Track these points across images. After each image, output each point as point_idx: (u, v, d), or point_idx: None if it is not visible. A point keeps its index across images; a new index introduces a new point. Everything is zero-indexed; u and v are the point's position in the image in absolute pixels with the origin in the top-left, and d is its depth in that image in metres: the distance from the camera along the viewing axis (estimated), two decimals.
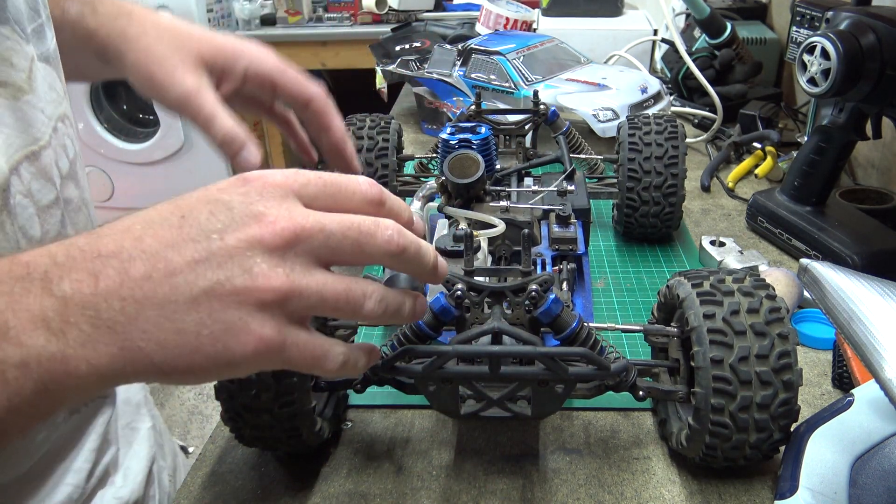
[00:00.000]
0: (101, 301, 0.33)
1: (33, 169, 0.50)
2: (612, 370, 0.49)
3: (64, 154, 0.54)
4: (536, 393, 0.51)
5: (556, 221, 0.69)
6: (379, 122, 0.87)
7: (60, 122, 0.54)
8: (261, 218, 0.35)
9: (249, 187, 0.37)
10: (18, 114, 0.49)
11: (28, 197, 0.49)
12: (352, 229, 0.37)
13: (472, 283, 0.52)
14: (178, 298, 0.34)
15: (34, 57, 0.51)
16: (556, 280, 0.62)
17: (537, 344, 0.49)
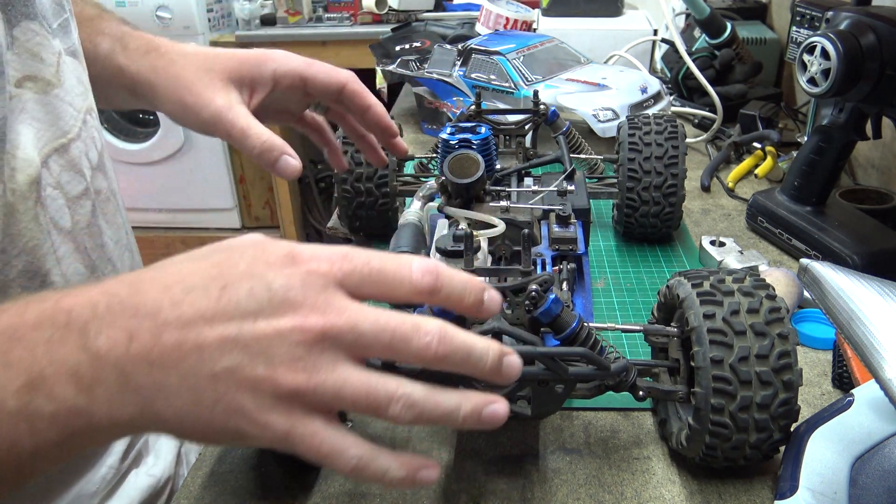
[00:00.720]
0: (131, 364, 0.34)
1: (63, 161, 0.51)
2: (612, 370, 0.49)
3: (93, 145, 0.55)
4: (536, 393, 0.51)
5: (556, 221, 0.69)
6: None
7: (88, 115, 0.55)
8: (296, 308, 0.35)
9: (294, 270, 0.36)
10: (48, 107, 0.50)
11: (58, 189, 0.50)
12: (385, 332, 0.36)
13: None
14: (201, 372, 0.34)
15: (61, 51, 0.52)
16: (556, 280, 0.62)
17: (537, 344, 0.49)
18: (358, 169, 0.84)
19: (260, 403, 0.35)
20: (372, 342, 0.36)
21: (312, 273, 0.36)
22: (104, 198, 0.57)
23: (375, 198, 0.86)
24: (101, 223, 0.56)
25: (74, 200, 0.52)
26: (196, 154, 2.50)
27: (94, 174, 0.55)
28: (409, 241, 0.63)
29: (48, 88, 0.50)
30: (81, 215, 0.53)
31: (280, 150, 0.57)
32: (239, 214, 2.56)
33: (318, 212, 2.56)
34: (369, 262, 0.37)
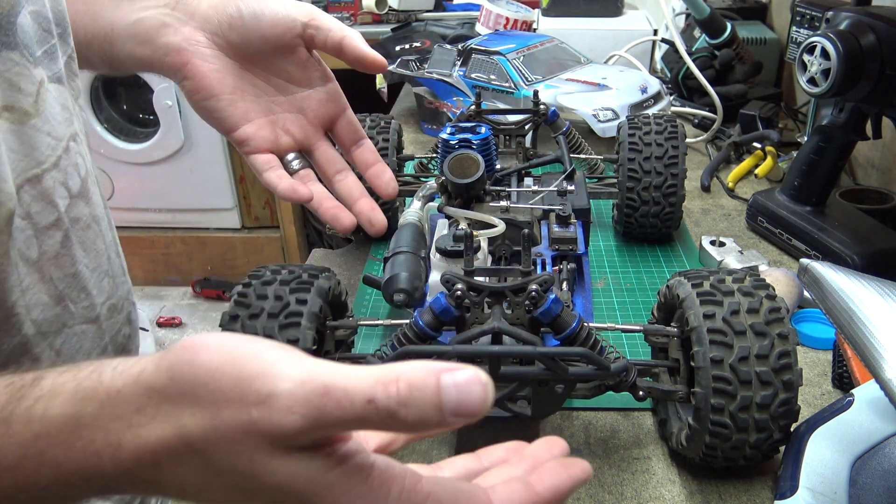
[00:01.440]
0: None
1: (34, 192, 0.49)
2: (612, 370, 0.49)
3: (76, 173, 0.53)
4: (536, 393, 0.51)
5: (556, 221, 0.69)
6: (379, 122, 0.86)
7: (72, 141, 0.53)
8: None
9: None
10: (24, 138, 0.48)
11: (26, 219, 0.49)
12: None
13: (473, 283, 0.52)
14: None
15: (44, 79, 0.50)
16: (556, 280, 0.62)
17: (537, 344, 0.49)
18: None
19: None
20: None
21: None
22: (83, 225, 0.54)
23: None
24: (75, 252, 0.54)
25: (43, 231, 0.50)
26: (196, 154, 2.49)
27: (72, 202, 0.53)
28: (410, 241, 0.63)
29: (25, 119, 0.49)
30: (50, 245, 0.51)
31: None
32: (239, 214, 2.55)
33: None
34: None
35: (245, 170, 2.47)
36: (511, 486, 0.34)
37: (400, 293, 0.57)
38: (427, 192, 0.74)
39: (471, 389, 0.29)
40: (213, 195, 2.54)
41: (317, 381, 0.29)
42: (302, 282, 0.55)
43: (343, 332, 0.60)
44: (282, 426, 0.29)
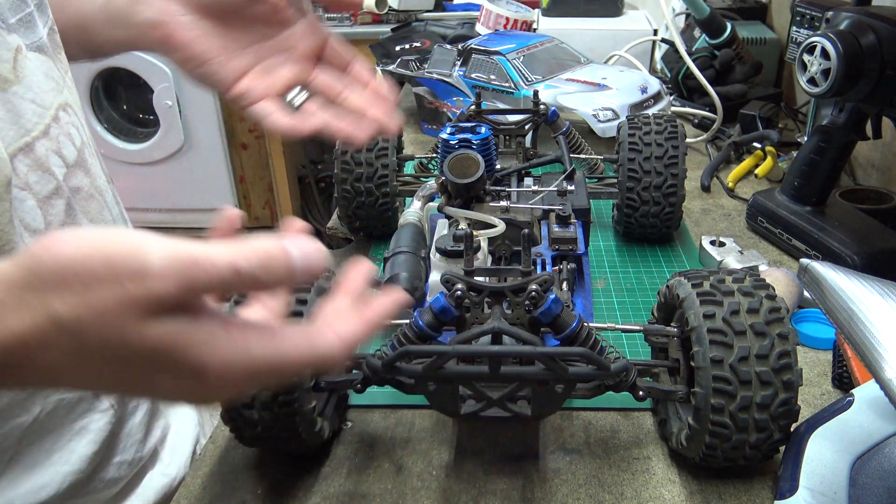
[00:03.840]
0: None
1: (28, 161, 0.50)
2: (612, 370, 0.49)
3: (70, 142, 0.54)
4: (536, 393, 0.51)
5: (556, 221, 0.69)
6: None
7: (62, 111, 0.53)
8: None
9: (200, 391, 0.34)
10: (7, 105, 0.49)
11: (26, 189, 0.49)
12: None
13: (472, 283, 0.52)
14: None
15: (20, 47, 0.50)
16: (556, 280, 0.62)
17: (537, 344, 0.49)
18: (358, 169, 0.84)
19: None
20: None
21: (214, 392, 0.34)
22: (85, 195, 0.55)
23: (375, 198, 0.86)
24: (80, 222, 0.54)
25: (45, 201, 0.51)
26: (196, 154, 2.50)
27: (70, 171, 0.53)
28: (409, 241, 0.63)
29: (5, 86, 0.49)
30: (54, 216, 0.52)
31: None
32: None
33: (318, 212, 2.56)
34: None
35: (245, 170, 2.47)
36: (346, 317, 0.38)
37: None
38: (427, 192, 0.74)
39: (310, 251, 0.34)
40: (213, 195, 2.54)
41: (184, 254, 0.31)
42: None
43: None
44: (157, 294, 0.31)
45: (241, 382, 0.34)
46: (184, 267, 0.31)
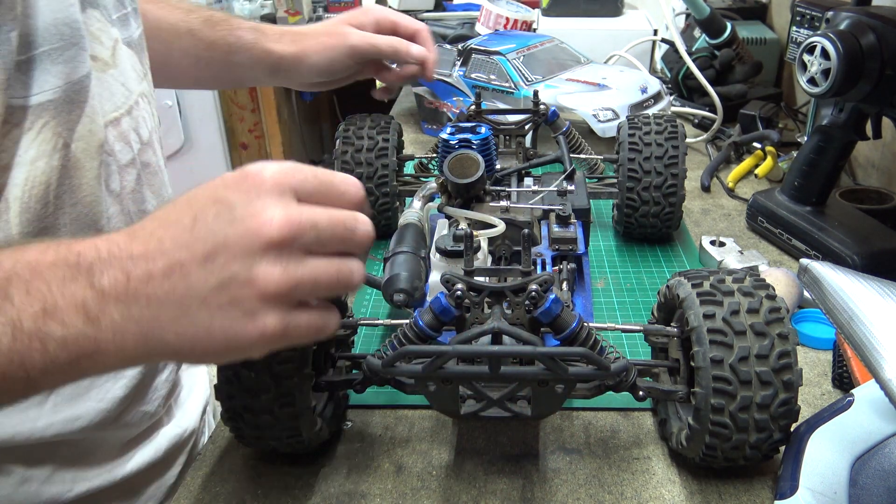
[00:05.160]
0: (131, 299, 0.39)
1: (115, 132, 0.59)
2: (613, 370, 0.49)
3: (145, 125, 0.64)
4: (536, 393, 0.51)
5: (556, 221, 0.68)
6: (379, 122, 0.86)
7: (141, 98, 0.64)
8: (260, 217, 0.40)
9: (250, 184, 0.41)
10: (105, 84, 0.58)
11: (111, 155, 0.59)
12: (338, 225, 0.42)
13: (472, 283, 0.52)
14: (192, 295, 0.39)
15: (118, 39, 0.61)
16: (556, 280, 0.62)
17: (537, 344, 0.49)
18: (358, 169, 0.84)
19: (251, 310, 0.40)
20: (330, 236, 0.42)
21: (267, 183, 0.41)
22: (152, 171, 0.65)
23: (375, 197, 0.85)
24: (145, 192, 0.64)
25: (123, 168, 0.60)
26: (196, 154, 2.50)
27: (142, 148, 0.63)
28: (410, 241, 0.63)
29: (105, 68, 0.59)
30: (128, 182, 0.61)
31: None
32: None
33: None
34: (316, 174, 0.43)
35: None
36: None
37: (400, 293, 0.57)
38: (427, 192, 0.74)
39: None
40: None
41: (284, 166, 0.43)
42: None
43: (343, 331, 0.60)
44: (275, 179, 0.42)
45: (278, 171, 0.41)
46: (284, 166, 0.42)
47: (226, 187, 0.41)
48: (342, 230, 0.42)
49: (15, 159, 0.51)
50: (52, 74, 0.52)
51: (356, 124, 0.86)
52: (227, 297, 0.39)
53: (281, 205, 0.40)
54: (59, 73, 0.52)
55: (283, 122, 2.32)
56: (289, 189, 0.41)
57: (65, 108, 0.53)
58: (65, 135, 0.53)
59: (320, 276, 0.42)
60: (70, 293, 0.39)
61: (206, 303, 0.40)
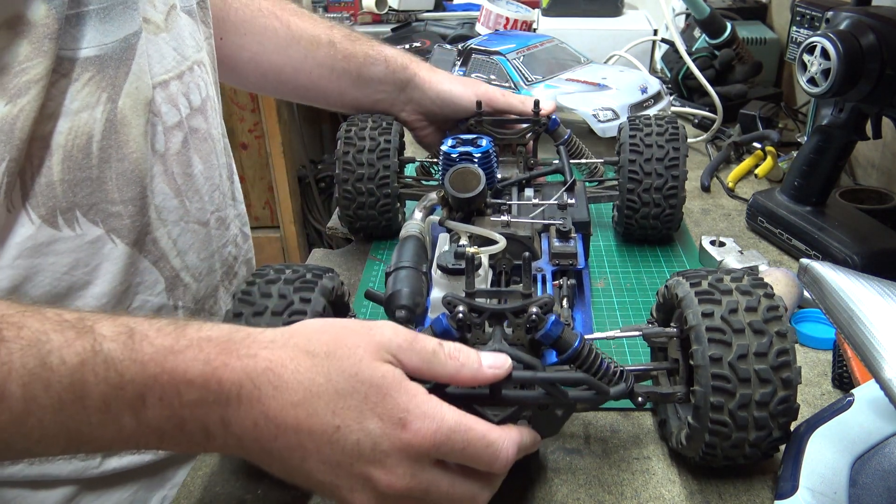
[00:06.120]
0: (250, 443, 0.43)
1: (164, 94, 0.62)
2: (612, 395, 0.50)
3: (197, 91, 0.67)
4: (536, 416, 0.51)
5: (557, 236, 0.68)
6: (381, 123, 0.86)
7: (197, 66, 0.67)
8: (388, 470, 0.43)
9: (400, 437, 0.42)
10: (155, 47, 0.61)
11: (158, 116, 0.61)
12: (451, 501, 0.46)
13: (474, 306, 0.52)
14: (299, 470, 0.44)
15: (175, 5, 0.64)
16: (556, 299, 0.62)
17: (538, 367, 0.49)
18: (359, 170, 0.84)
19: (355, 489, 0.43)
20: (470, 458, 0.45)
21: (412, 446, 0.42)
22: (200, 137, 0.67)
23: (376, 198, 0.85)
24: (192, 156, 0.66)
25: (169, 130, 0.62)
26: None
27: (192, 113, 0.66)
28: (411, 256, 0.63)
29: (157, 31, 0.61)
30: (173, 144, 0.63)
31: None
32: None
33: (318, 212, 2.55)
34: (465, 448, 0.44)
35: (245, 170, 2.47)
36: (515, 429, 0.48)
37: (402, 310, 0.57)
38: (428, 203, 0.74)
39: (500, 360, 0.47)
40: None
41: (408, 331, 0.46)
42: (306, 281, 0.55)
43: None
44: (390, 339, 0.44)
45: (431, 437, 0.42)
46: (407, 332, 0.45)
47: (381, 420, 0.42)
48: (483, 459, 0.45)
49: (62, 109, 0.54)
50: (100, 32, 0.55)
51: (358, 125, 0.86)
52: (343, 476, 0.43)
53: (410, 471, 0.43)
54: (108, 31, 0.55)
55: (283, 122, 2.32)
56: (427, 455, 0.43)
57: (111, 63, 0.56)
58: (109, 90, 0.56)
59: (441, 496, 0.44)
60: (200, 418, 0.42)
61: (308, 480, 0.44)
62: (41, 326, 0.41)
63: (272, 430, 0.42)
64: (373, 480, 0.43)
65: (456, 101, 0.87)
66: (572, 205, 0.72)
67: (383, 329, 0.45)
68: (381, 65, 0.87)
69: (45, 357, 0.39)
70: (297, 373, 0.42)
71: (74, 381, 0.40)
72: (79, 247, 0.57)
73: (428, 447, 0.43)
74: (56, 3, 0.50)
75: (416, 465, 0.43)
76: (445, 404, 0.44)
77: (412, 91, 0.88)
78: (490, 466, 0.45)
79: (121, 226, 0.59)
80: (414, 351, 0.45)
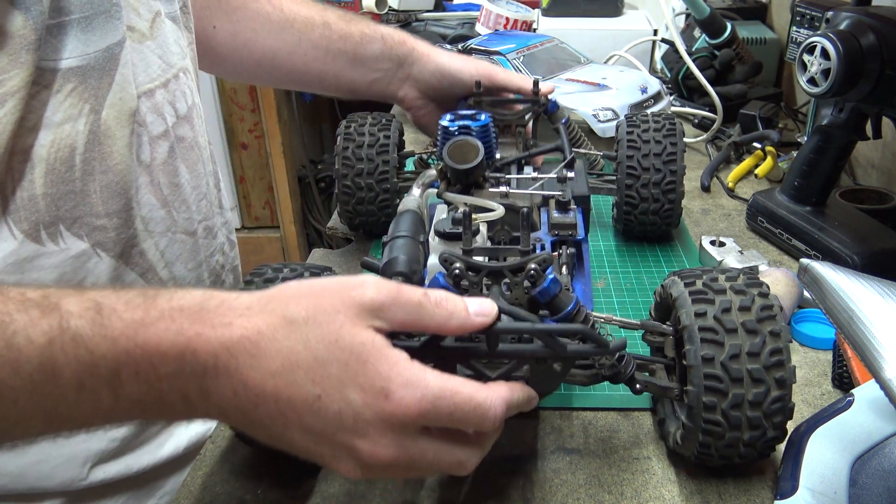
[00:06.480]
0: (231, 410, 0.42)
1: (149, 104, 0.61)
2: (611, 347, 0.49)
3: (183, 99, 0.65)
4: (534, 371, 0.50)
5: (556, 207, 0.68)
6: (380, 120, 0.86)
7: (182, 73, 0.66)
8: (372, 439, 0.42)
9: (382, 407, 0.41)
10: (140, 55, 0.60)
11: (143, 126, 0.60)
12: (436, 469, 0.45)
13: (471, 263, 0.51)
14: (281, 437, 0.43)
15: (160, 12, 0.63)
16: (555, 262, 0.61)
17: (535, 322, 0.49)
18: (359, 164, 0.84)
19: (340, 458, 0.43)
20: (459, 420, 0.43)
21: (396, 416, 0.41)
22: (187, 145, 0.66)
23: (376, 193, 0.85)
24: (178, 165, 0.64)
25: (155, 139, 0.61)
26: None
27: (178, 122, 0.64)
28: (408, 226, 0.63)
29: (142, 39, 0.60)
30: (159, 153, 0.62)
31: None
32: (239, 214, 2.55)
33: (318, 212, 2.55)
34: (452, 412, 0.42)
35: (245, 170, 2.47)
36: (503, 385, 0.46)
37: (398, 276, 0.57)
38: (426, 179, 0.73)
39: (486, 305, 0.45)
40: None
41: (390, 283, 0.44)
42: None
43: None
44: (372, 299, 0.42)
45: (416, 406, 0.41)
46: (390, 287, 0.43)
47: (362, 391, 0.41)
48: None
49: (43, 121, 0.52)
50: (83, 42, 0.53)
51: (357, 121, 0.86)
52: (325, 445, 0.42)
53: (395, 440, 0.42)
54: (90, 41, 0.54)
55: (283, 122, 2.32)
56: (413, 423, 0.42)
57: (94, 74, 0.54)
58: (92, 101, 0.55)
59: (428, 464, 0.44)
60: (177, 388, 0.41)
61: (291, 446, 0.43)
62: (3, 307, 0.39)
63: (252, 399, 0.41)
64: (356, 450, 0.41)
65: (455, 74, 0.84)
66: (572, 178, 0.72)
67: (364, 288, 0.42)
68: (378, 42, 0.84)
69: (10, 338, 0.38)
70: (274, 341, 0.41)
71: (44, 361, 0.39)
72: (63, 261, 0.56)
73: (413, 416, 0.41)
74: (34, 13, 0.49)
75: (401, 435, 0.42)
76: (428, 369, 0.43)
77: (410, 66, 0.85)
78: (479, 427, 0.44)
79: (106, 239, 0.58)
80: (399, 305, 0.42)
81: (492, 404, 0.43)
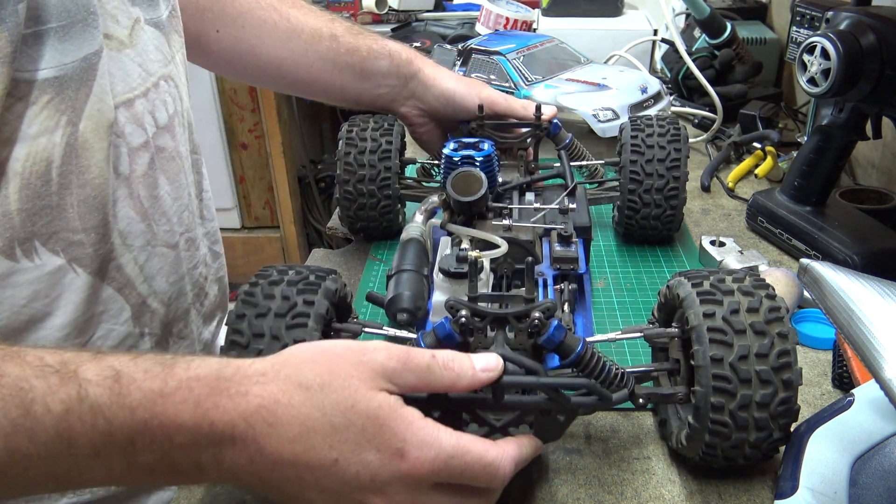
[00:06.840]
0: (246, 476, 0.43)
1: (128, 114, 0.59)
2: (614, 400, 0.50)
3: (164, 108, 0.64)
4: (538, 421, 0.51)
5: (558, 240, 0.68)
6: (382, 124, 0.86)
7: (164, 81, 0.64)
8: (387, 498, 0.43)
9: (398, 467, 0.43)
10: (119, 64, 0.58)
11: (121, 137, 0.58)
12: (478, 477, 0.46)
13: (476, 310, 0.52)
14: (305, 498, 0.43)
15: (140, 19, 0.61)
16: (557, 303, 0.62)
17: (540, 372, 0.49)
18: (360, 171, 0.84)
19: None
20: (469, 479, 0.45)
21: (411, 475, 0.43)
22: (167, 156, 0.64)
23: (377, 199, 0.85)
24: (158, 177, 0.63)
25: (134, 151, 0.60)
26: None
27: (159, 132, 0.63)
28: (413, 259, 0.63)
29: (121, 47, 0.58)
30: (139, 165, 0.60)
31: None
32: (239, 214, 2.55)
33: (318, 212, 2.55)
34: (464, 471, 0.44)
35: (245, 170, 2.47)
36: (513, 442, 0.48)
37: (403, 313, 0.57)
38: (429, 206, 0.74)
39: (491, 362, 0.47)
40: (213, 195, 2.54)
41: (399, 347, 0.45)
42: (309, 283, 0.55)
43: (346, 335, 0.60)
44: (383, 364, 0.44)
45: (430, 466, 0.43)
46: (399, 352, 0.45)
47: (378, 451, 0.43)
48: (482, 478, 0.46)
49: (18, 134, 0.51)
50: (60, 51, 0.51)
51: (359, 126, 0.86)
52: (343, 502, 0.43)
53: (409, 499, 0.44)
54: (67, 51, 0.52)
55: (283, 122, 2.32)
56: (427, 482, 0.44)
57: (71, 85, 0.52)
58: (69, 113, 0.53)
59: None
60: (192, 458, 0.42)
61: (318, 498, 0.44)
62: (21, 372, 0.39)
63: (269, 464, 0.42)
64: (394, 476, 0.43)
65: (458, 100, 0.86)
66: (573, 209, 0.72)
67: (375, 354, 0.44)
68: (386, 59, 0.85)
69: (28, 406, 0.38)
70: (290, 408, 0.42)
71: (61, 430, 0.39)
72: (38, 278, 0.54)
73: (426, 474, 0.43)
74: (10, 24, 0.47)
75: (416, 491, 0.43)
76: (442, 428, 0.44)
77: (415, 87, 0.87)
78: (489, 485, 0.46)
79: (83, 254, 0.56)
80: (408, 370, 0.44)
81: (501, 463, 0.45)
